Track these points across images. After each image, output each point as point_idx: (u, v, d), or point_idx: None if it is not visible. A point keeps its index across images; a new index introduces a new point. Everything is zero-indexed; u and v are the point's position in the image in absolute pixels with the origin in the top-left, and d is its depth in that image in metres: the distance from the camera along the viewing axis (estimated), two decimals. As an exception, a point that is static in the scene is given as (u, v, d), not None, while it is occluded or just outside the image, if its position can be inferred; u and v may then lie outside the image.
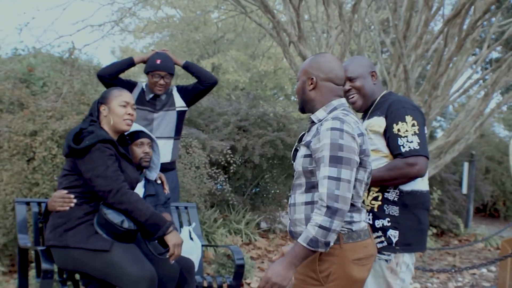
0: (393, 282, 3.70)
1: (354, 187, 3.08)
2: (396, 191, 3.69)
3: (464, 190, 13.36)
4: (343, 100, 3.30)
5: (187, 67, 5.91)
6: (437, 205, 11.63)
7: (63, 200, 4.08)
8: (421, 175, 3.68)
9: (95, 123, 4.21)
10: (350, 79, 3.89)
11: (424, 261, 9.66)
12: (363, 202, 3.69)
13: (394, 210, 3.68)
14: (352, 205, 3.09)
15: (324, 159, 3.00)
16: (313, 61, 3.34)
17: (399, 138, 3.65)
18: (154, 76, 5.58)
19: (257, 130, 9.38)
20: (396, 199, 3.69)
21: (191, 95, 5.87)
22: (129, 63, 5.73)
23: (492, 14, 10.43)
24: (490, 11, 8.39)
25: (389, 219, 3.67)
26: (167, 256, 4.08)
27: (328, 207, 2.94)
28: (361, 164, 3.10)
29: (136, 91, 5.72)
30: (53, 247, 4.10)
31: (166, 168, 5.55)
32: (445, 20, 7.91)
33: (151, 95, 5.66)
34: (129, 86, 5.67)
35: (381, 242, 3.67)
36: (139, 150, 4.66)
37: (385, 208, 3.68)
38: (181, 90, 5.90)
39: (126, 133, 4.49)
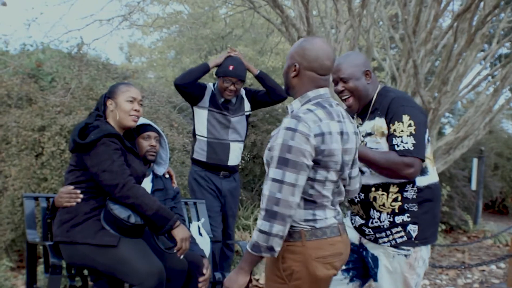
0: (410, 277, 3.69)
1: (313, 187, 3.02)
2: (414, 188, 3.66)
3: (473, 186, 13.30)
4: (323, 90, 3.19)
5: (260, 78, 5.96)
6: (446, 201, 11.58)
7: (69, 195, 4.08)
8: (411, 178, 3.63)
9: (101, 117, 4.20)
10: (343, 80, 3.79)
11: (433, 258, 9.63)
12: (383, 205, 3.67)
13: (413, 206, 3.65)
14: (312, 202, 3.05)
15: (273, 160, 2.95)
16: (299, 47, 3.21)
17: (394, 138, 3.60)
18: (225, 81, 5.64)
19: (266, 126, 9.33)
20: (415, 196, 3.66)
21: (258, 103, 6.00)
22: (205, 70, 5.80)
23: (501, 9, 10.37)
24: (499, 6, 8.33)
25: (408, 214, 3.66)
26: (175, 251, 4.07)
27: (266, 210, 2.90)
28: (320, 165, 3.00)
29: (207, 93, 5.79)
30: (61, 242, 4.09)
31: (235, 170, 5.70)
32: (455, 15, 7.86)
33: (222, 99, 5.73)
34: (201, 89, 5.77)
35: (401, 237, 3.65)
36: (146, 143, 4.65)
37: (405, 207, 3.66)
38: (249, 95, 5.98)
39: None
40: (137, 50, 22.48)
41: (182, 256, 4.13)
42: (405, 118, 3.61)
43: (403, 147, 3.56)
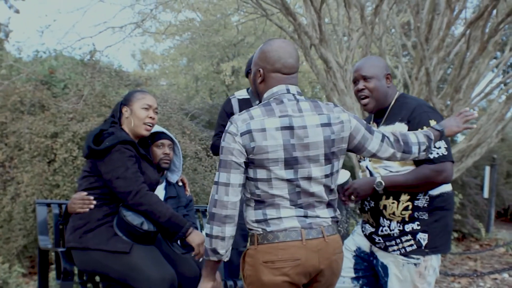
0: (420, 286, 3.67)
1: (257, 187, 2.98)
2: (426, 197, 3.64)
3: (486, 194, 13.25)
4: (276, 88, 3.12)
5: None
6: (458, 209, 11.55)
7: (83, 202, 4.08)
8: (448, 182, 3.63)
9: (116, 124, 4.20)
10: (364, 78, 3.80)
11: (445, 266, 9.59)
12: (393, 213, 3.66)
13: (424, 214, 3.63)
14: (261, 201, 3.00)
15: None
16: (260, 52, 3.19)
17: None
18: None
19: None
20: (426, 205, 3.64)
21: None
22: None
23: (514, 17, 10.34)
24: (512, 14, 8.31)
25: (418, 223, 3.63)
26: (192, 255, 4.07)
27: (208, 213, 2.95)
28: (255, 163, 2.96)
29: (234, 106, 5.41)
30: (73, 248, 4.09)
31: None
32: (467, 23, 7.85)
33: (257, 101, 5.39)
34: (231, 114, 5.32)
35: (411, 245, 3.64)
36: (159, 151, 4.67)
37: (415, 215, 3.64)
38: None
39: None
40: (149, 57, 22.53)
41: (193, 262, 4.13)
42: (432, 122, 3.61)
43: (437, 153, 3.57)
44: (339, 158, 3.14)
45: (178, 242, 4.33)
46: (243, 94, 5.40)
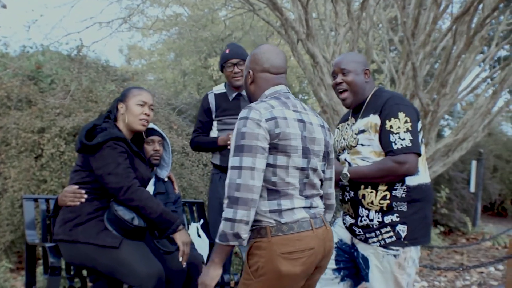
0: (400, 277, 3.70)
1: (275, 173, 3.03)
2: (404, 187, 3.67)
3: (472, 188, 13.33)
4: (279, 87, 3.28)
5: None
6: (445, 203, 11.62)
7: (74, 195, 4.09)
8: (411, 174, 3.64)
9: (110, 120, 4.21)
10: (343, 72, 3.86)
11: (431, 259, 9.65)
12: (371, 203, 3.70)
13: (403, 206, 3.67)
14: (276, 191, 3.05)
15: (231, 150, 3.01)
16: (251, 55, 3.35)
17: (391, 135, 3.62)
18: (227, 68, 5.28)
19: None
20: (404, 195, 3.67)
21: None
22: (214, 146, 5.35)
23: (500, 12, 10.40)
24: (498, 9, 8.36)
25: (397, 214, 3.66)
26: (180, 257, 4.07)
27: (229, 197, 2.93)
28: (278, 149, 3.03)
29: (211, 101, 5.43)
30: (62, 241, 4.09)
31: None
32: (453, 18, 7.89)
33: (233, 94, 5.35)
34: (208, 109, 5.43)
35: (390, 237, 3.67)
36: (149, 147, 4.68)
37: (393, 205, 3.67)
38: None
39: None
40: (136, 52, 22.50)
41: (181, 259, 4.13)
42: (401, 115, 3.65)
43: (401, 144, 3.59)
44: (326, 159, 3.35)
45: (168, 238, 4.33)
46: (220, 88, 5.46)
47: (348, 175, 3.71)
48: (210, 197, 5.46)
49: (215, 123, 5.39)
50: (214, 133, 5.39)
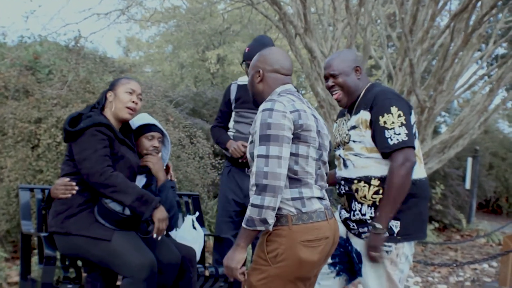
0: (393, 273, 3.70)
1: (297, 162, 3.17)
2: None
3: (468, 185, 13.37)
4: (288, 86, 3.42)
5: None
6: (440, 199, 11.64)
7: (65, 187, 4.09)
8: (413, 165, 3.64)
9: (96, 109, 4.23)
10: (333, 76, 3.86)
11: (425, 255, 9.68)
12: (364, 197, 3.70)
13: None
14: (297, 180, 3.18)
15: (256, 140, 3.12)
16: (260, 56, 3.49)
17: (386, 131, 3.59)
18: (247, 65, 5.20)
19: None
20: None
21: None
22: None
23: (499, 9, 10.41)
24: (497, 6, 8.38)
25: None
26: (154, 234, 4.09)
27: (257, 185, 3.04)
28: (301, 139, 3.18)
29: (233, 91, 5.45)
30: (56, 233, 4.11)
31: None
32: (452, 15, 7.90)
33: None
34: (228, 100, 5.46)
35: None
36: (149, 143, 4.62)
37: None
38: None
39: (139, 125, 4.54)
40: (134, 44, 22.49)
41: (155, 235, 4.12)
42: (394, 109, 3.62)
43: (397, 139, 3.57)
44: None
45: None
46: (244, 80, 5.41)
47: (381, 226, 3.59)
48: (220, 189, 5.52)
49: (233, 114, 5.40)
50: (231, 124, 5.42)
